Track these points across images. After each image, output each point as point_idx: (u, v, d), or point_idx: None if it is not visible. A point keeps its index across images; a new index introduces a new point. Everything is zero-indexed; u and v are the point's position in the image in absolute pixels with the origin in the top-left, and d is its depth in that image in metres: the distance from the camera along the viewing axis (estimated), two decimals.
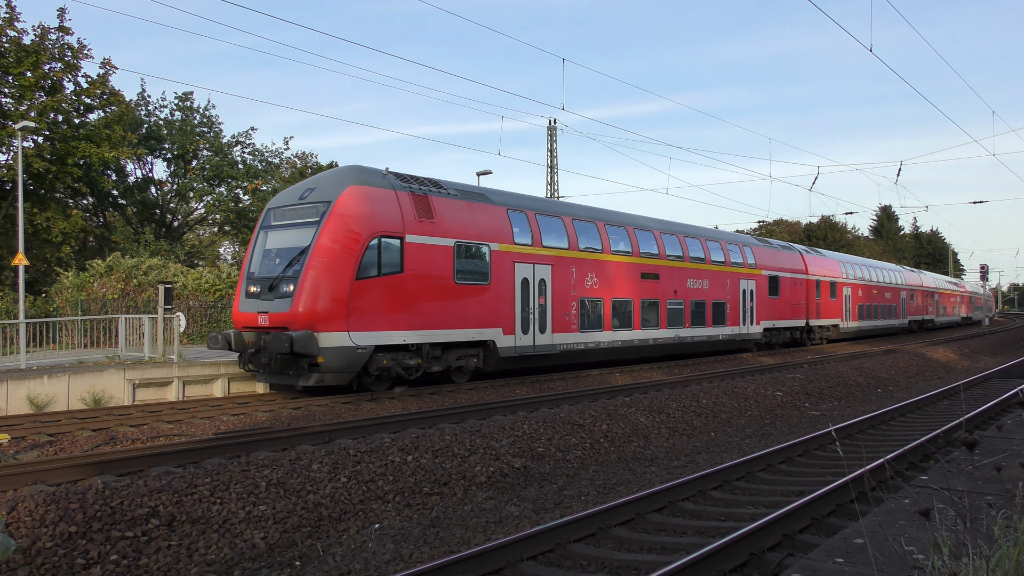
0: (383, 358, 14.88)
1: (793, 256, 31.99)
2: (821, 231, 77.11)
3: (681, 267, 24.13)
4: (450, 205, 16.67)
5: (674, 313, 23.58)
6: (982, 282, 74.60)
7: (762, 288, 28.60)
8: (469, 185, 18.23)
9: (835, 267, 35.79)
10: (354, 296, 14.27)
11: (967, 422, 11.73)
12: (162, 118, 39.06)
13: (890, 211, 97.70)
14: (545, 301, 18.59)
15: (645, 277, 22.38)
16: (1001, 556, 3.61)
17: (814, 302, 32.68)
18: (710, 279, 25.50)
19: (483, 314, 16.88)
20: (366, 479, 8.45)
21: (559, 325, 18.96)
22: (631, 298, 21.65)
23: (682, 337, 23.93)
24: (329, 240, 14.36)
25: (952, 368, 26.13)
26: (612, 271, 21.00)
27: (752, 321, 27.87)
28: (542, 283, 18.54)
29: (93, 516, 6.67)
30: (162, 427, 11.61)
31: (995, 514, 4.39)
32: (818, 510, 7.17)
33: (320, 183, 15.78)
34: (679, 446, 11.84)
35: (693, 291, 24.54)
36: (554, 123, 41.33)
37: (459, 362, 16.71)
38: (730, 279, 26.67)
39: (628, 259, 21.80)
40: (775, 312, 29.58)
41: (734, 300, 26.77)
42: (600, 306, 20.39)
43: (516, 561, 6.05)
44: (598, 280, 20.29)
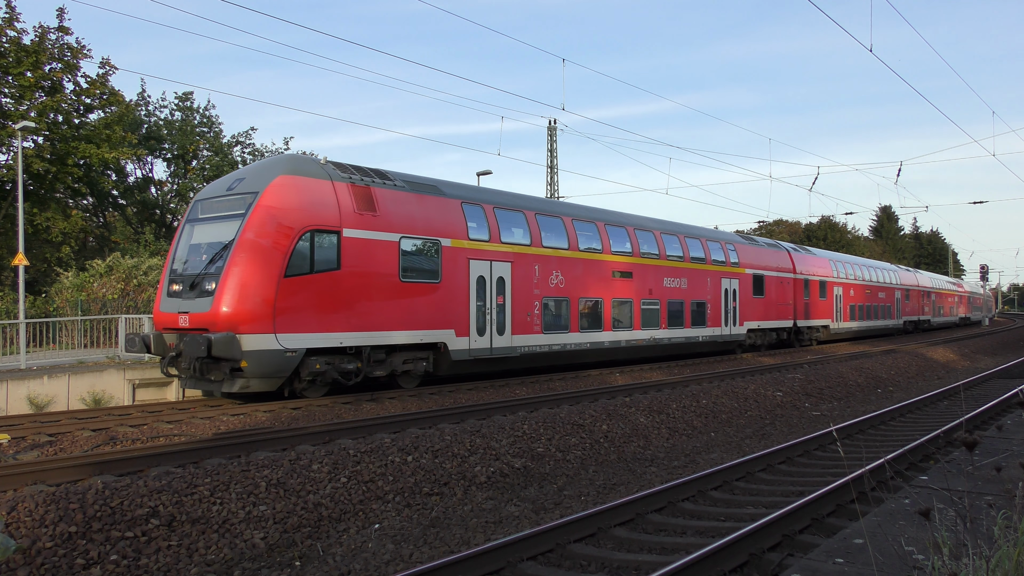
0: (316, 362, 13.86)
1: (780, 254, 30.97)
2: (821, 231, 77.12)
3: (657, 265, 23.06)
4: (396, 198, 15.55)
5: (649, 313, 22.46)
6: (982, 282, 74.61)
7: (746, 287, 27.54)
8: (420, 177, 17.16)
9: (825, 266, 34.84)
10: (282, 295, 13.23)
11: (967, 422, 11.72)
12: (162, 118, 39.06)
13: (890, 211, 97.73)
14: (504, 301, 17.57)
15: (617, 276, 21.30)
16: (1001, 556, 3.61)
17: (802, 302, 31.72)
18: (689, 278, 24.45)
19: (433, 315, 15.84)
20: (366, 479, 8.45)
21: (520, 326, 17.98)
22: (601, 298, 20.58)
23: (658, 339, 22.84)
24: (254, 234, 13.28)
25: (952, 368, 26.13)
26: (580, 269, 19.94)
27: (735, 322, 26.79)
28: (500, 281, 17.52)
29: (93, 516, 6.67)
30: (162, 427, 11.61)
31: (995, 514, 4.39)
32: (818, 510, 7.17)
33: (250, 173, 14.79)
34: (679, 446, 11.84)
35: (670, 290, 23.51)
36: (554, 123, 41.33)
37: (406, 366, 15.62)
38: (711, 278, 25.63)
39: (598, 256, 20.68)
40: (760, 312, 28.49)
41: (715, 300, 25.75)
42: (566, 306, 19.41)
43: (516, 561, 6.05)
44: (564, 279, 19.27)
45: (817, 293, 33.06)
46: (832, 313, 34.63)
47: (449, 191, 17.06)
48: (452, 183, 17.85)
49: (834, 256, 38.56)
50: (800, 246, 35.31)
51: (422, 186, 16.50)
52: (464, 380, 17.65)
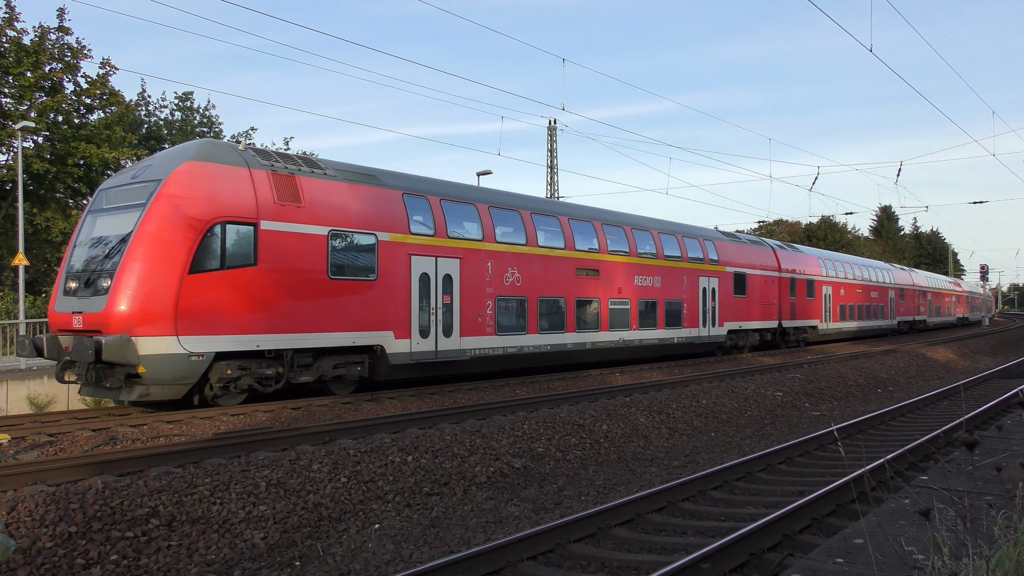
0: (227, 367, 12.74)
1: (764, 252, 29.63)
2: (821, 231, 77.10)
3: (627, 262, 21.72)
4: (326, 188, 14.33)
5: (618, 314, 21.14)
6: (982, 282, 74.57)
7: (726, 286, 26.30)
8: (356, 165, 15.92)
9: (813, 264, 33.57)
10: (186, 293, 12.06)
11: (967, 422, 11.73)
12: (162, 118, 39.08)
13: (890, 211, 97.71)
14: (452, 300, 16.37)
15: (582, 273, 19.97)
16: (1001, 556, 3.61)
17: (788, 302, 30.46)
18: (663, 276, 23.15)
19: (368, 315, 14.64)
20: (366, 479, 8.45)
21: (469, 327, 16.79)
22: (563, 297, 19.34)
23: (628, 340, 21.48)
24: (154, 226, 12.08)
25: (952, 368, 26.13)
26: (539, 266, 18.70)
27: (714, 322, 25.53)
28: (447, 279, 16.31)
29: (93, 516, 6.66)
30: (162, 427, 11.60)
31: (995, 514, 4.39)
32: (818, 510, 7.17)
33: (157, 159, 13.65)
34: (679, 446, 11.84)
35: (642, 289, 22.17)
36: (554, 123, 41.33)
37: (338, 371, 14.48)
38: (687, 276, 24.34)
39: (560, 253, 19.46)
40: (742, 312, 27.23)
41: (692, 299, 24.50)
42: (523, 306, 18.18)
43: (516, 561, 6.05)
44: (521, 276, 18.04)
45: (804, 292, 31.95)
46: (821, 313, 33.52)
47: (389, 181, 15.89)
48: (394, 173, 16.81)
49: (823, 254, 37.30)
50: (787, 243, 34.16)
51: (357, 175, 15.27)
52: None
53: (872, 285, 40.46)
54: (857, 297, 38.09)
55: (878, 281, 41.63)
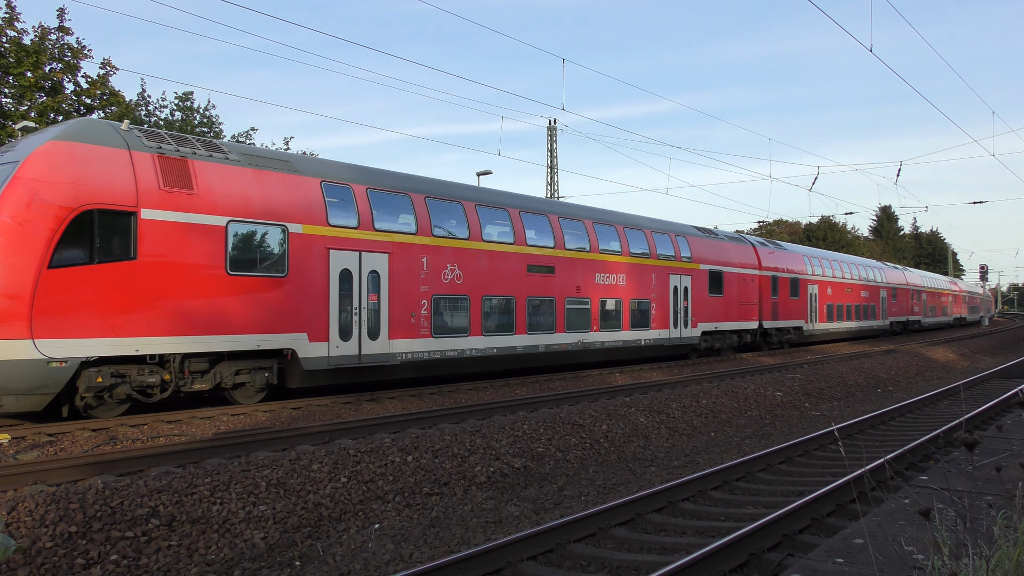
0: (98, 374, 11.37)
1: (743, 249, 28.17)
2: (821, 231, 77.11)
3: (587, 259, 20.23)
4: (226, 173, 12.88)
5: (576, 314, 19.73)
6: (981, 282, 74.54)
7: (700, 285, 24.88)
8: (266, 150, 14.57)
9: (798, 262, 32.22)
10: (45, 291, 10.71)
11: (967, 422, 11.74)
12: (162, 118, 39.08)
13: (890, 211, 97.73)
14: (379, 299, 14.98)
15: (534, 270, 18.57)
16: (1001, 556, 3.61)
17: (769, 301, 29.12)
18: (628, 274, 21.68)
19: (276, 316, 13.27)
20: (366, 479, 8.45)
21: (400, 329, 15.37)
22: (513, 296, 17.94)
23: (588, 343, 20.06)
24: (6, 215, 10.67)
25: (952, 368, 26.13)
26: (484, 262, 17.32)
27: (687, 323, 24.10)
28: (374, 276, 14.91)
29: (93, 516, 6.67)
30: (162, 427, 11.61)
31: (995, 514, 4.39)
32: (818, 510, 7.18)
33: (23, 140, 12.37)
34: (679, 446, 11.84)
35: (604, 288, 20.70)
36: (554, 123, 41.32)
37: (240, 377, 13.11)
38: (656, 274, 22.84)
39: (509, 248, 18.02)
40: (718, 313, 25.82)
41: (662, 299, 23.05)
42: (465, 305, 16.84)
43: (516, 561, 6.05)
44: (462, 273, 16.71)
45: (788, 291, 30.63)
46: (806, 313, 32.22)
47: (305, 167, 14.47)
48: (312, 159, 15.41)
49: (809, 252, 35.78)
50: (770, 240, 32.69)
51: (266, 160, 13.88)
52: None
53: (862, 284, 39.30)
54: (846, 297, 36.85)
55: (869, 280, 40.41)
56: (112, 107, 32.52)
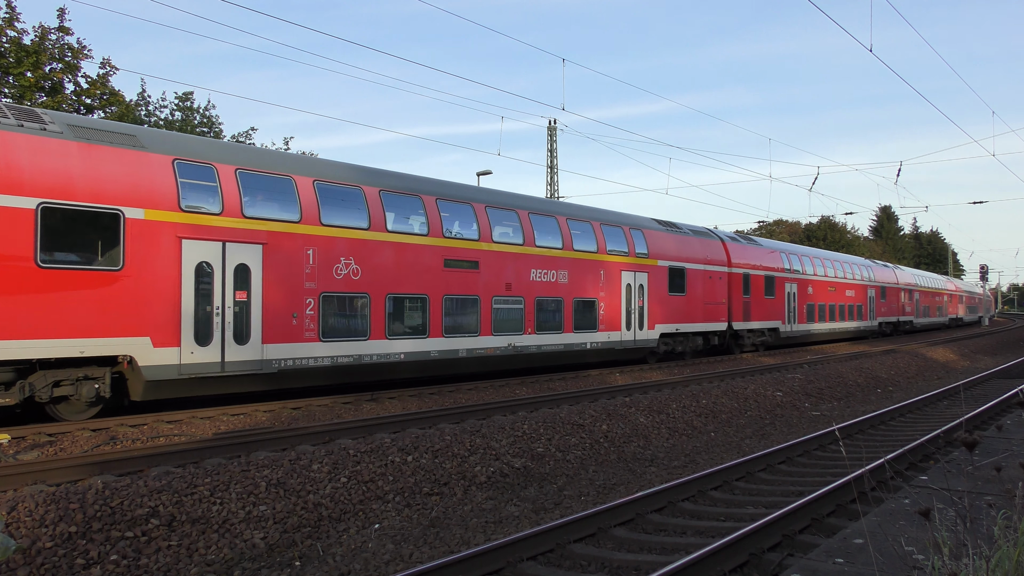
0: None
1: (710, 244, 26.20)
2: (821, 231, 77.12)
3: (520, 253, 18.26)
4: (39, 147, 10.92)
5: (506, 314, 17.81)
6: (981, 282, 74.55)
7: (659, 282, 22.81)
8: (103, 121, 12.94)
9: (774, 259, 30.20)
10: None
11: (967, 422, 11.74)
12: (162, 118, 39.09)
13: (890, 211, 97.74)
14: (249, 296, 12.93)
15: (454, 265, 16.57)
16: (1001, 556, 3.61)
17: (740, 301, 27.17)
18: (572, 270, 19.65)
19: (106, 316, 11.28)
20: (366, 479, 8.45)
21: (278, 332, 13.34)
22: (425, 294, 15.93)
23: (521, 347, 18.10)
24: None
25: (952, 368, 26.14)
26: (388, 256, 15.25)
27: (642, 324, 22.03)
28: (242, 270, 12.85)
29: (93, 516, 6.67)
30: (162, 427, 11.61)
31: (995, 514, 4.39)
32: (818, 510, 7.18)
33: None
34: (679, 446, 11.84)
35: (541, 285, 18.75)
36: (554, 123, 41.31)
37: (62, 390, 11.17)
38: (606, 271, 20.78)
39: (421, 240, 15.98)
40: (679, 313, 23.77)
41: (612, 298, 20.95)
42: (364, 305, 14.78)
43: (516, 561, 6.05)
44: (361, 268, 14.66)
45: (762, 290, 28.65)
46: (783, 314, 30.21)
47: (154, 143, 12.43)
48: (164, 133, 13.93)
49: (788, 248, 33.62)
50: (743, 235, 30.43)
51: (98, 133, 11.88)
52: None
53: (847, 283, 37.29)
54: (829, 296, 34.88)
55: (855, 278, 38.42)
56: (112, 107, 32.55)
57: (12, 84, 28.59)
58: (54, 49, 30.15)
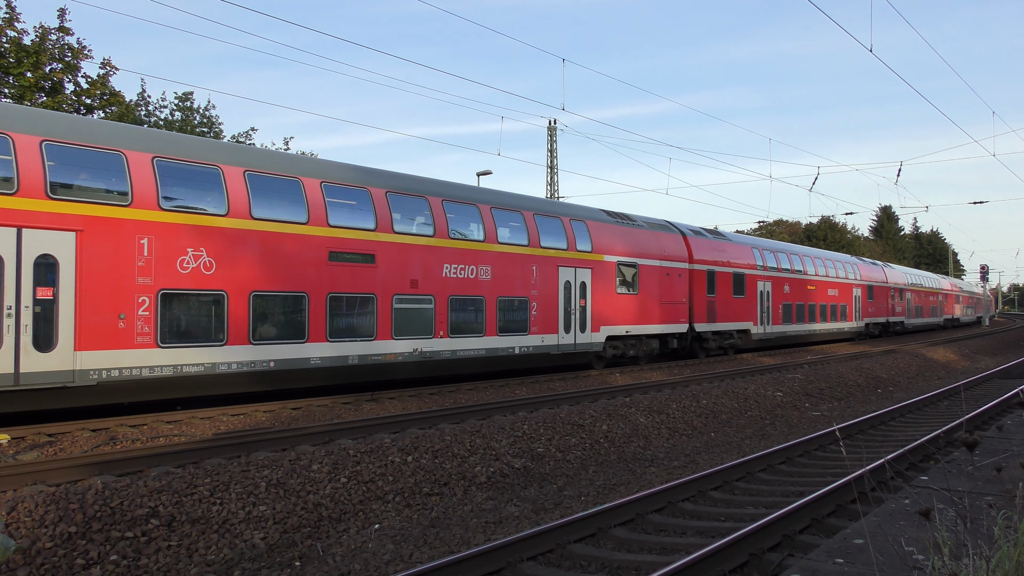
0: None
1: (668, 238, 23.93)
2: (821, 231, 77.13)
3: (429, 246, 16.02)
4: None
5: (411, 315, 15.58)
6: (982, 282, 74.55)
7: (605, 280, 20.71)
8: None
9: (744, 255, 28.10)
10: None
11: (967, 422, 11.73)
12: (162, 118, 39.11)
13: (890, 211, 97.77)
14: (56, 294, 10.93)
15: (342, 259, 14.35)
16: (1001, 556, 3.61)
17: (704, 300, 25.08)
18: (496, 266, 17.49)
19: None
20: (366, 479, 8.45)
21: (98, 336, 11.27)
22: (304, 292, 13.68)
23: (430, 352, 15.82)
24: None
25: (952, 368, 26.14)
26: (253, 247, 13.01)
27: (584, 326, 19.94)
28: (46, 264, 10.89)
29: (93, 516, 6.67)
30: (162, 427, 11.61)
31: (995, 514, 4.39)
32: (818, 510, 7.17)
33: None
34: (679, 446, 11.84)
35: (457, 283, 16.57)
36: (554, 123, 41.31)
37: None
38: (540, 267, 18.67)
39: (298, 229, 13.71)
40: (631, 314, 21.57)
41: (547, 297, 18.89)
42: (219, 305, 12.57)
43: (516, 561, 6.05)
44: (214, 261, 12.45)
45: (730, 289, 26.60)
46: (755, 314, 28.11)
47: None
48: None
49: (761, 243, 31.26)
50: (709, 230, 28.06)
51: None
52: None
53: (830, 281, 35.03)
54: (808, 295, 32.61)
55: (838, 276, 36.12)
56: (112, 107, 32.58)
57: (12, 84, 28.63)
58: (54, 49, 30.17)
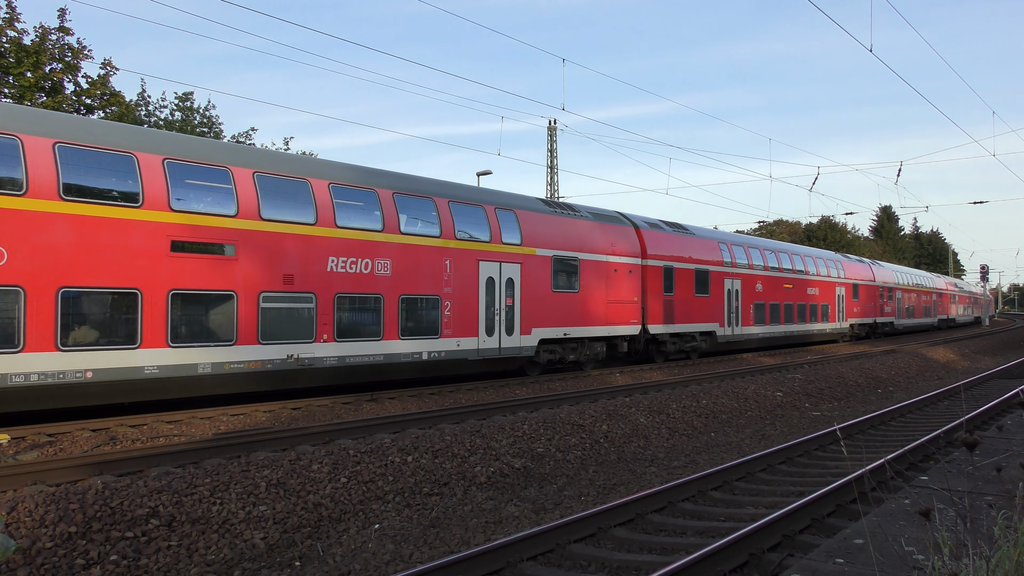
0: None
1: (616, 231, 21.72)
2: (821, 231, 77.13)
3: (310, 235, 13.94)
4: None
5: (285, 316, 13.54)
6: (982, 282, 74.54)
7: (538, 276, 18.65)
8: None
9: (709, 250, 25.83)
10: None
11: (967, 422, 11.73)
12: (162, 118, 39.10)
13: (890, 211, 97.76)
14: None
15: (187, 250, 12.26)
16: (1001, 556, 3.61)
17: (660, 299, 22.84)
18: (397, 259, 15.34)
19: None
20: (366, 479, 8.45)
21: None
22: (136, 288, 11.72)
23: (310, 359, 13.77)
24: None
25: (952, 368, 26.13)
26: (64, 235, 11.10)
27: (513, 328, 17.89)
28: None
29: (93, 516, 6.67)
30: (162, 427, 11.60)
31: (995, 514, 4.39)
32: (818, 510, 7.17)
33: None
34: (679, 446, 11.84)
35: (346, 278, 14.44)
36: (554, 123, 41.31)
37: None
38: (455, 260, 16.62)
39: (128, 214, 11.74)
40: (570, 314, 19.49)
41: (465, 295, 16.82)
42: (13, 303, 10.64)
43: (516, 561, 6.05)
44: (7, 251, 10.58)
45: (691, 287, 24.41)
46: (722, 315, 26.07)
47: None
48: None
49: (729, 238, 28.87)
50: (668, 221, 25.70)
51: None
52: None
53: (809, 279, 32.78)
54: (784, 294, 30.39)
55: (818, 274, 33.84)
56: (112, 107, 32.58)
57: (12, 84, 28.64)
58: (54, 49, 30.18)
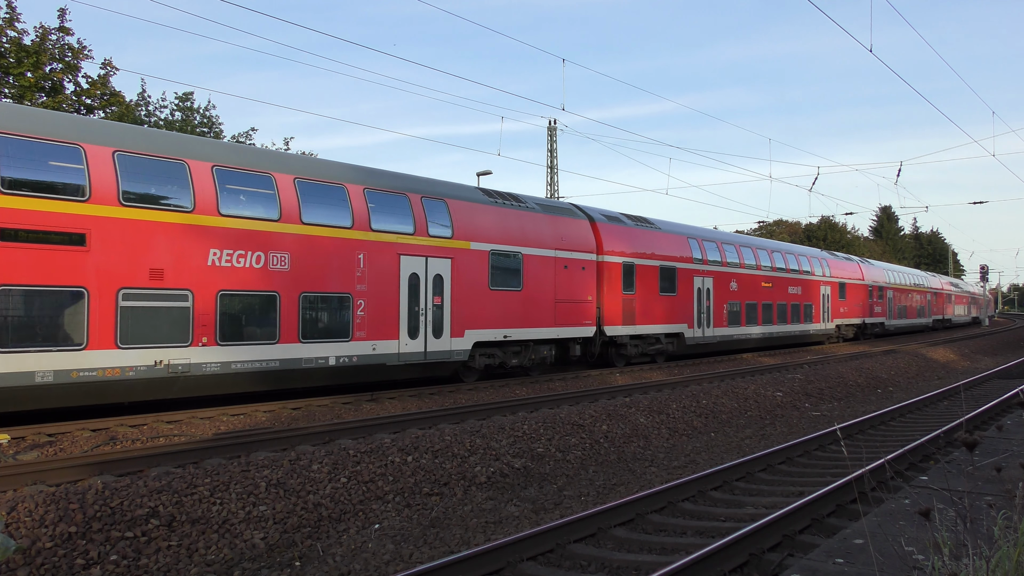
0: None
1: (567, 224, 19.99)
2: (821, 231, 77.10)
3: (184, 224, 12.26)
4: None
5: (152, 317, 11.87)
6: (982, 283, 74.53)
7: (472, 272, 17.05)
8: None
9: (676, 245, 24.12)
10: None
11: (967, 422, 11.73)
12: (162, 118, 39.10)
13: (890, 211, 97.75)
14: None
15: (18, 239, 10.62)
16: (1001, 556, 3.61)
17: (618, 298, 21.08)
18: (298, 252, 13.75)
19: None
20: (366, 479, 8.45)
21: None
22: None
23: (186, 366, 12.10)
24: None
25: (952, 368, 26.14)
26: None
27: (441, 330, 16.32)
28: None
29: (93, 516, 6.67)
30: (162, 427, 11.60)
31: (995, 514, 4.39)
32: (818, 510, 7.17)
33: None
34: (679, 446, 11.84)
35: (232, 273, 12.78)
36: (554, 123, 41.31)
37: None
38: (371, 255, 14.97)
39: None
40: (511, 315, 17.91)
41: (383, 293, 15.20)
42: None
43: (516, 561, 6.05)
44: None
45: (655, 285, 22.65)
46: (691, 315, 24.32)
47: None
48: None
49: (700, 233, 26.78)
50: (630, 215, 23.66)
51: None
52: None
53: (790, 278, 30.80)
54: (762, 294, 28.58)
55: (801, 272, 31.89)
56: (112, 107, 32.58)
57: (12, 84, 28.65)
58: (54, 49, 30.18)
